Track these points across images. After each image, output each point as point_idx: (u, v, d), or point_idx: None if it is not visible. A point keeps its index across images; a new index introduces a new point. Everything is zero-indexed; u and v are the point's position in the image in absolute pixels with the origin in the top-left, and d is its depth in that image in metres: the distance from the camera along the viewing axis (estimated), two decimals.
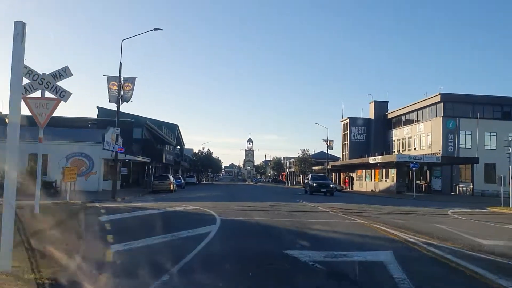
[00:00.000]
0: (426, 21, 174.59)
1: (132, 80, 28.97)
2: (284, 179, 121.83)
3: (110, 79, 28.67)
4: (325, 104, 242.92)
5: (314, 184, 38.30)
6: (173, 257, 6.82)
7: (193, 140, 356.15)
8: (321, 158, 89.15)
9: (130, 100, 29.03)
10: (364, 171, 67.13)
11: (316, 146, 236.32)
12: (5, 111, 52.19)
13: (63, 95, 12.51)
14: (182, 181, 50.97)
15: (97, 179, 35.90)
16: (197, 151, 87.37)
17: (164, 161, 53.14)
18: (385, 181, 60.05)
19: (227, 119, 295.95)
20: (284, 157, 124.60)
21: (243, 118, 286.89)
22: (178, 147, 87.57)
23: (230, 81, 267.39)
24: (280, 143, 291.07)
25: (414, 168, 41.76)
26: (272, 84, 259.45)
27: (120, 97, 28.46)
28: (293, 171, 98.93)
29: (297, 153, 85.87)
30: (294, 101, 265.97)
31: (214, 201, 22.29)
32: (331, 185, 39.67)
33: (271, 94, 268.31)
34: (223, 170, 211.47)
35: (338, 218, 14.26)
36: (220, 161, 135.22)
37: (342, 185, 69.10)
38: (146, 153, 48.61)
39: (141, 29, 51.88)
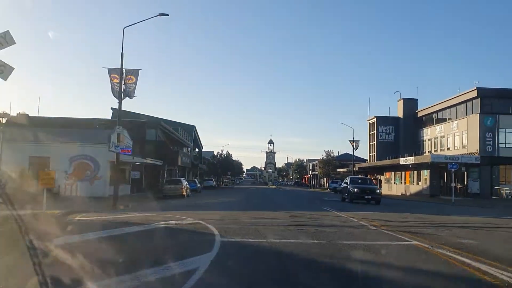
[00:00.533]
0: (456, 11, 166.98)
1: (135, 73, 25.75)
2: (307, 182, 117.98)
3: (111, 71, 25.53)
4: (350, 103, 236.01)
5: (356, 190, 29.53)
6: None
7: (214, 143, 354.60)
8: (346, 160, 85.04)
9: (134, 95, 25.69)
10: (393, 173, 62.77)
11: (340, 148, 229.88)
12: (14, 113, 50.00)
13: (1, 70, 9.04)
14: (198, 185, 47.71)
15: (103, 183, 32.80)
16: (216, 154, 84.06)
17: (179, 163, 50.01)
18: (417, 183, 55.63)
19: (248, 121, 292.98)
20: (307, 159, 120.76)
21: (265, 120, 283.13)
22: (197, 149, 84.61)
23: (251, 82, 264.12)
24: (302, 145, 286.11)
25: (453, 170, 37.41)
26: (293, 84, 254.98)
27: (122, 92, 25.19)
28: (317, 174, 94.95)
29: (320, 155, 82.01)
30: (317, 101, 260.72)
31: (225, 210, 18.86)
32: (377, 191, 30.87)
33: (293, 94, 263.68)
34: (244, 173, 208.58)
35: (383, 237, 10.53)
36: (241, 163, 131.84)
37: None
38: (160, 156, 45.54)
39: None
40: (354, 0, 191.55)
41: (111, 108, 59.95)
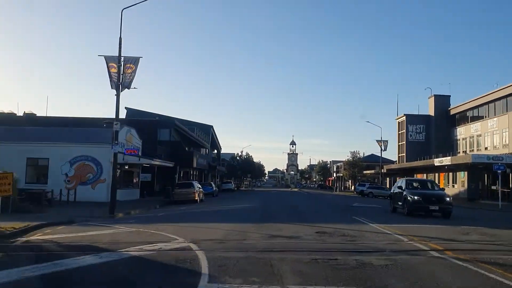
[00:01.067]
0: (490, 2, 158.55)
1: (134, 61, 22.48)
2: (331, 185, 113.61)
3: (108, 60, 22.30)
4: (376, 101, 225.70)
5: (416, 198, 20.41)
6: None
7: (234, 145, 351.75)
8: (372, 161, 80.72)
9: (132, 86, 22.42)
10: (425, 175, 58.18)
11: (365, 149, 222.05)
12: (20, 112, 47.61)
13: None
14: (214, 188, 44.35)
15: (106, 187, 29.65)
16: (235, 155, 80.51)
17: (195, 165, 46.81)
18: (453, 186, 51.08)
19: (270, 122, 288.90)
20: (330, 161, 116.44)
21: (287, 120, 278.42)
22: (215, 151, 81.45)
23: (272, 82, 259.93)
24: (326, 147, 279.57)
25: (499, 171, 32.97)
26: (316, 83, 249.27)
27: (120, 82, 21.95)
28: (341, 176, 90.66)
29: (345, 157, 77.87)
30: (341, 101, 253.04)
31: (234, 223, 15.39)
32: (447, 199, 20.87)
33: (316, 94, 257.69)
34: (266, 175, 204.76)
35: (467, 276, 6.96)
36: (262, 165, 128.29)
37: None
38: (174, 157, 42.46)
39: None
40: None
41: (126, 108, 57.35)
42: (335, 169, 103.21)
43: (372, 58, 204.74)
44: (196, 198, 31.36)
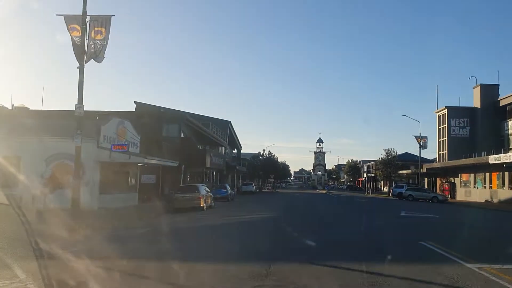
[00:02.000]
0: None
1: (105, 23, 16.73)
2: (361, 186, 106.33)
3: (69, 20, 16.55)
4: (409, 95, 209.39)
5: None
6: None
7: (258, 145, 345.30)
8: (406, 160, 73.33)
9: (104, 56, 16.62)
10: (473, 175, 50.83)
11: (397, 148, 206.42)
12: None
13: None
14: (229, 191, 38.35)
15: (89, 192, 24.00)
16: (257, 154, 74.15)
17: (208, 165, 40.96)
18: (509, 188, 43.61)
19: (294, 121, 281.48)
20: (360, 161, 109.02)
21: (312, 119, 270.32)
22: (235, 150, 75.51)
23: (297, 80, 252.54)
24: (353, 146, 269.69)
25: None
26: (342, 79, 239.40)
27: (85, 50, 16.16)
28: (372, 176, 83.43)
29: (375, 156, 70.75)
30: (368, 97, 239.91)
31: (222, 263, 9.19)
32: None
33: (342, 90, 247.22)
34: (292, 176, 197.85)
35: None
36: (287, 165, 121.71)
37: (440, 193, 52.70)
38: (184, 155, 36.72)
39: None
40: None
41: (135, 102, 52.10)
42: (365, 169, 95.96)
43: (405, 46, 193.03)
44: (202, 205, 25.43)
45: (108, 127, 25.50)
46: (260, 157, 73.10)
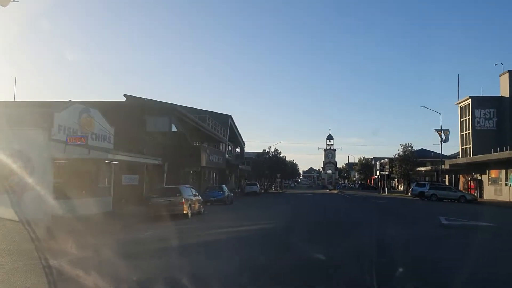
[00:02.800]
0: None
1: None
2: (373, 184, 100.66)
3: None
4: (426, 85, 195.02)
5: None
6: None
7: (265, 145, 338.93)
8: (423, 156, 67.73)
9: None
10: (504, 171, 45.04)
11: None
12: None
13: None
14: (226, 193, 33.05)
15: (38, 198, 18.74)
16: (262, 152, 68.62)
17: (203, 163, 35.80)
18: None
19: (303, 119, 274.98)
20: (372, 158, 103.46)
21: (321, 117, 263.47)
22: (238, 149, 70.26)
23: (305, 76, 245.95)
24: (363, 145, 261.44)
25: None
26: (353, 75, 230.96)
27: None
28: (386, 174, 77.81)
29: (386, 155, 65.01)
30: (381, 90, 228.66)
31: None
32: None
33: (353, 87, 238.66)
34: (301, 175, 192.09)
35: None
36: (295, 164, 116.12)
37: (466, 192, 46.75)
38: (173, 152, 31.73)
39: None
40: None
41: (124, 95, 47.11)
42: (378, 167, 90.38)
43: (420, 30, 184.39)
44: (185, 211, 20.21)
45: (66, 115, 20.37)
46: (265, 155, 67.61)
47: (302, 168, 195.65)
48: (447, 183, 57.37)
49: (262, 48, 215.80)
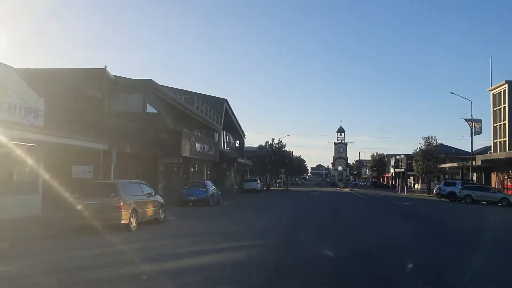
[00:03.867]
0: None
1: None
2: (386, 182, 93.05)
3: None
4: (451, 69, 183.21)
5: None
6: None
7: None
8: (443, 152, 59.85)
9: None
10: None
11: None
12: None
13: None
14: (210, 191, 25.77)
15: None
16: (265, 144, 61.06)
17: (186, 153, 28.67)
18: None
19: (311, 115, 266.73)
20: (386, 154, 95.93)
21: (331, 112, 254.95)
22: (238, 142, 62.91)
23: (314, 70, 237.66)
24: (374, 144, 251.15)
25: None
26: (365, 63, 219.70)
27: None
28: (402, 172, 70.25)
29: (399, 151, 57.32)
30: (396, 83, 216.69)
31: None
32: None
33: (364, 81, 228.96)
34: (309, 172, 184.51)
35: None
36: (303, 160, 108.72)
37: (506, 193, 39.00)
38: (144, 137, 24.89)
39: None
40: None
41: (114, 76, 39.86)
42: (393, 164, 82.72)
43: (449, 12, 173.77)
44: (124, 221, 13.05)
45: None
46: (267, 147, 60.11)
47: (310, 165, 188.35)
48: (474, 180, 49.66)
49: (270, 42, 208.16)
